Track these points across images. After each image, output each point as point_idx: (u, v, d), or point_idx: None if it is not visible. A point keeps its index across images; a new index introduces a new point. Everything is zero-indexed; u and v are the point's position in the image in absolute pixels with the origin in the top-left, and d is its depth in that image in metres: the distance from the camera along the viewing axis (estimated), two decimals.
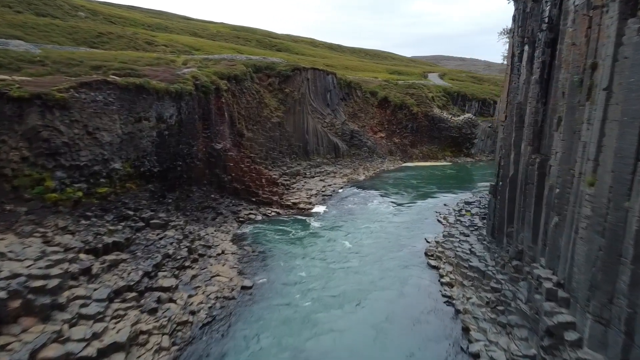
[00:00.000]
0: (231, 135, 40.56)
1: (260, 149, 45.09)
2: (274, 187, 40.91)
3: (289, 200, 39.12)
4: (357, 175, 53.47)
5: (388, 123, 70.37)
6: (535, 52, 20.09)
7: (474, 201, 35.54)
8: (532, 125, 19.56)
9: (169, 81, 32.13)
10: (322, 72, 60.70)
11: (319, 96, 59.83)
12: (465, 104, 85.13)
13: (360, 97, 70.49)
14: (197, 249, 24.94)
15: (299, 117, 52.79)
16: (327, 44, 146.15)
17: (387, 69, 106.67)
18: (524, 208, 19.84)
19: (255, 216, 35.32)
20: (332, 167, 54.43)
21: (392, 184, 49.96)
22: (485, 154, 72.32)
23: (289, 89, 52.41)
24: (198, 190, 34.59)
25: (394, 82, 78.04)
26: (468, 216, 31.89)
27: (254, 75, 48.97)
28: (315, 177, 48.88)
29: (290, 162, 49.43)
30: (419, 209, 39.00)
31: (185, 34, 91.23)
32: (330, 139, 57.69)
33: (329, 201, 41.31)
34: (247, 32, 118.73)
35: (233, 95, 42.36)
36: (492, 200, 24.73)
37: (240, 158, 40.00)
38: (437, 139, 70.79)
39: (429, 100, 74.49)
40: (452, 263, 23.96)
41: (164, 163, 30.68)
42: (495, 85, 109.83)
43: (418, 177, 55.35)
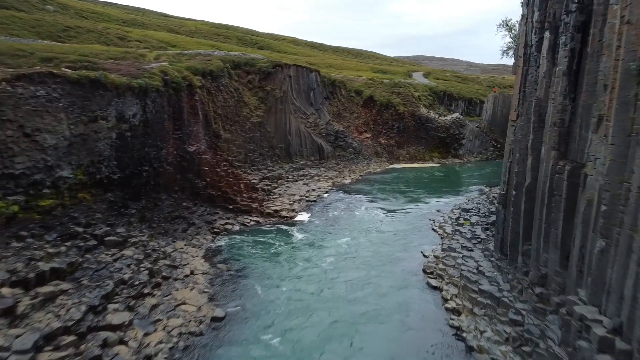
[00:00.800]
0: (206, 136, 36.63)
1: (238, 151, 41.23)
2: (254, 192, 37.12)
3: (270, 208, 35.37)
4: (342, 179, 49.94)
5: (374, 123, 67.02)
6: (559, 39, 16.73)
7: (472, 208, 32.29)
8: (558, 125, 16.19)
9: (132, 76, 28.12)
10: (305, 69, 57.00)
11: (302, 95, 56.15)
12: (451, 103, 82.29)
13: (345, 96, 67.00)
14: (160, 270, 21.05)
15: (281, 117, 49.03)
16: (309, 43, 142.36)
17: (371, 67, 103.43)
18: (548, 224, 16.46)
19: (232, 226, 31.50)
20: (316, 169, 50.80)
21: (380, 187, 46.52)
22: (474, 154, 69.43)
23: (270, 86, 48.61)
24: (168, 198, 30.63)
25: (379, 81, 74.73)
26: (467, 225, 28.56)
27: (232, 72, 45.06)
28: (299, 181, 45.19)
29: (272, 165, 45.64)
30: (410, 216, 35.58)
31: (162, 30, 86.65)
32: (314, 139, 54.05)
33: (314, 208, 37.67)
34: (227, 29, 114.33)
35: (208, 92, 38.41)
36: (501, 211, 21.36)
37: (216, 161, 36.12)
38: (424, 139, 67.66)
39: (415, 99, 71.38)
40: (458, 284, 20.50)
41: (126, 168, 26.66)
42: (480, 85, 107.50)
43: (406, 179, 52.04)
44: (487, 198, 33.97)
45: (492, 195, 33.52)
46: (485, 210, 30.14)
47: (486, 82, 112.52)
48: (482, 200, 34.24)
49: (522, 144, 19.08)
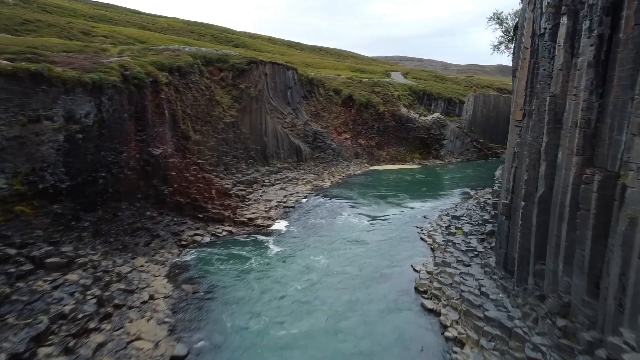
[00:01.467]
0: (174, 138, 33.21)
1: (210, 154, 37.86)
2: (226, 199, 33.85)
3: (244, 216, 32.18)
4: (322, 182, 46.99)
5: (353, 123, 64.28)
6: (581, 25, 14.10)
7: (462, 215, 29.73)
8: (582, 126, 13.54)
9: (86, 70, 24.61)
10: (281, 66, 53.86)
11: (279, 93, 53.01)
12: (431, 103, 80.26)
13: (323, 95, 64.09)
14: (112, 297, 17.72)
15: (256, 117, 45.80)
16: (286, 42, 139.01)
17: (349, 66, 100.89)
18: (570, 242, 13.81)
19: (201, 238, 28.22)
20: (294, 172, 47.72)
21: (361, 191, 43.73)
22: (455, 155, 67.35)
23: (244, 84, 45.32)
24: (129, 207, 27.17)
25: (358, 80, 72.09)
26: (460, 235, 25.94)
27: (203, 68, 41.62)
28: (276, 185, 42.04)
29: (247, 168, 42.38)
30: (395, 222, 32.84)
31: (132, 27, 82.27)
32: (291, 141, 50.95)
33: (292, 215, 34.61)
34: (201, 27, 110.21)
35: (176, 90, 34.97)
36: (505, 222, 18.71)
37: (184, 165, 32.74)
38: (405, 140, 65.26)
39: (395, 99, 68.95)
40: (458, 308, 17.75)
41: (77, 176, 23.15)
42: (458, 85, 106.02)
43: (388, 182, 49.41)
44: (477, 204, 31.52)
45: (482, 201, 31.09)
46: (478, 218, 27.60)
47: (464, 82, 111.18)
48: (471, 206, 31.75)
49: (533, 148, 16.42)
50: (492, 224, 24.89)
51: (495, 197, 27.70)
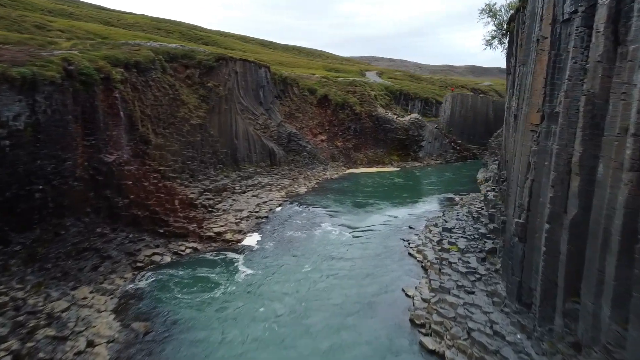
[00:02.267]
0: (131, 142, 29.15)
1: (174, 159, 33.86)
2: (192, 210, 29.98)
3: (211, 229, 28.41)
4: (297, 187, 43.43)
5: (329, 124, 60.93)
6: (632, 4, 11.01)
7: (454, 227, 26.65)
8: (637, 133, 10.44)
9: (16, 63, 20.46)
10: (253, 64, 50.06)
11: (250, 93, 49.22)
12: (408, 103, 77.64)
13: (298, 95, 60.54)
14: (37, 349, 13.84)
15: (226, 118, 41.93)
16: (259, 40, 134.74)
17: (324, 65, 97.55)
18: (620, 282, 10.72)
19: (161, 257, 24.39)
20: (267, 177, 44.03)
21: (339, 198, 40.41)
22: (434, 157, 64.77)
23: (212, 83, 41.38)
24: (75, 223, 23.12)
25: (334, 79, 68.77)
26: (455, 251, 22.83)
27: (166, 65, 37.55)
28: (247, 192, 38.29)
29: (215, 174, 38.49)
30: (379, 235, 29.60)
31: (94, 22, 76.98)
32: (264, 143, 47.24)
33: (265, 227, 31.00)
34: (170, 24, 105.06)
35: (134, 88, 30.88)
36: (519, 245, 15.60)
37: (143, 173, 28.74)
38: (383, 141, 62.27)
39: (372, 99, 65.91)
40: (467, 352, 14.53)
41: (5, 189, 19.07)
42: (433, 85, 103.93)
43: (366, 187, 46.24)
44: (468, 213, 28.57)
45: (475, 211, 28.15)
46: (473, 232, 24.59)
47: (439, 82, 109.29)
48: (462, 216, 28.76)
49: (561, 158, 13.29)
50: (491, 239, 21.87)
51: (491, 208, 24.75)
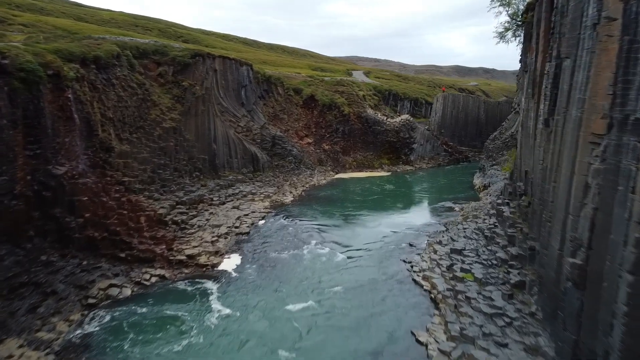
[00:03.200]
0: (88, 150, 24.80)
1: (142, 168, 29.53)
2: (160, 228, 25.73)
3: (183, 251, 24.20)
4: (282, 196, 39.36)
5: (316, 126, 56.95)
6: None
7: (464, 248, 22.82)
8: None
9: None
10: (234, 61, 45.80)
11: (231, 93, 44.97)
12: (397, 103, 74.11)
13: (282, 95, 56.42)
14: None
15: (204, 120, 37.67)
16: (242, 39, 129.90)
17: (309, 64, 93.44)
18: None
19: (119, 290, 20.17)
20: (249, 185, 39.86)
21: (328, 208, 36.50)
22: (425, 160, 61.24)
23: (188, 81, 37.08)
24: (12, 251, 18.77)
25: (320, 78, 64.81)
26: (470, 281, 19.03)
27: (134, 62, 33.16)
28: (227, 203, 34.09)
29: (191, 183, 34.21)
30: (375, 255, 25.69)
31: (66, 17, 71.67)
32: (246, 147, 43.06)
33: (246, 245, 26.90)
34: (148, 20, 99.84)
35: (93, 87, 26.48)
36: (575, 293, 11.81)
37: (103, 186, 24.40)
38: (373, 144, 58.50)
39: (361, 99, 62.11)
40: None
41: None
42: (421, 85, 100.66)
43: (357, 195, 42.40)
44: (478, 230, 24.85)
45: (486, 228, 24.41)
46: (489, 255, 20.83)
47: (426, 82, 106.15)
48: (471, 233, 25.02)
49: None
50: (516, 268, 18.08)
51: (509, 227, 21.01)
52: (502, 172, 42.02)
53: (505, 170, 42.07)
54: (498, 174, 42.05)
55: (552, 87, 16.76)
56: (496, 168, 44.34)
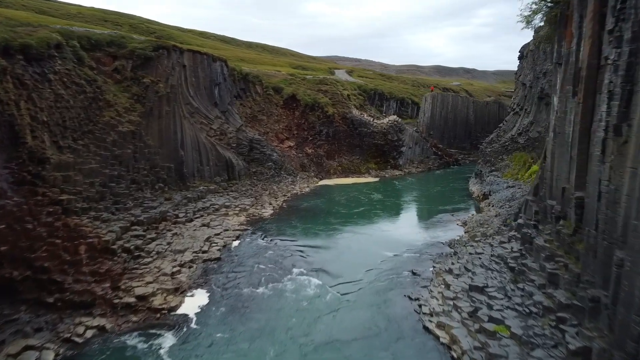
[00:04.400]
0: (13, 162, 19.38)
1: (88, 182, 24.05)
2: (106, 260, 20.37)
3: (133, 291, 18.90)
4: (261, 209, 34.24)
5: (297, 128, 51.91)
6: None
7: (486, 284, 17.91)
8: None
9: None
10: (205, 56, 40.43)
11: (203, 92, 39.60)
12: (382, 104, 69.55)
13: (261, 95, 51.23)
14: None
15: (169, 123, 32.31)
16: (220, 36, 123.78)
17: (290, 63, 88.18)
18: None
19: (39, 353, 14.82)
20: (223, 197, 34.63)
21: (312, 224, 31.61)
22: (415, 164, 56.72)
23: (150, 78, 31.69)
24: None
25: (302, 77, 59.81)
26: (506, 337, 14.26)
27: (83, 54, 27.70)
28: (195, 220, 28.83)
29: (152, 197, 28.84)
30: (373, 289, 20.74)
31: (28, 10, 64.93)
32: (220, 153, 37.79)
33: (214, 277, 21.73)
34: (119, 15, 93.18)
35: (20, 83, 21.00)
36: None
37: (30, 209, 18.97)
38: (359, 147, 53.72)
39: (345, 99, 57.29)
40: None
41: None
42: (406, 84, 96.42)
43: (344, 206, 37.53)
44: (498, 258, 20.16)
45: (507, 255, 19.68)
46: (522, 297, 16.09)
47: (410, 82, 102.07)
48: (490, 263, 20.27)
49: None
50: (573, 326, 13.32)
51: (545, 260, 16.34)
52: (503, 179, 37.70)
53: (507, 177, 37.77)
54: (499, 181, 37.68)
55: (623, 82, 12.11)
56: (496, 174, 40.00)
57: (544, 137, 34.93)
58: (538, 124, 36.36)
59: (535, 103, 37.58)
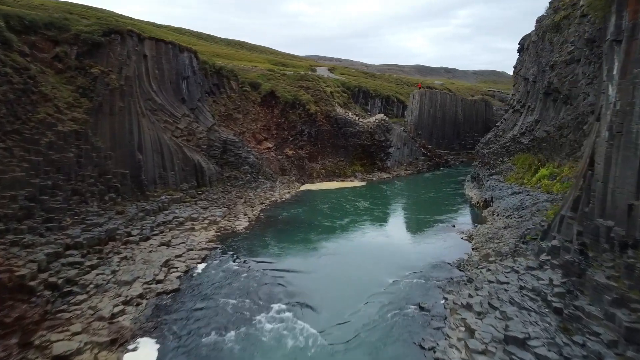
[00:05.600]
0: None
1: (8, 196, 18.69)
2: (20, 302, 15.10)
3: (50, 349, 13.73)
4: (234, 220, 29.23)
5: (277, 127, 46.92)
6: None
7: (528, 335, 13.01)
8: None
9: None
10: (171, 46, 35.14)
11: (168, 86, 34.32)
12: (367, 102, 64.99)
13: (237, 91, 46.07)
14: None
15: (123, 121, 26.99)
16: (196, 33, 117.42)
17: (269, 59, 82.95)
18: None
19: None
20: (190, 207, 29.45)
21: (293, 240, 26.79)
22: (403, 166, 52.24)
23: (99, 68, 26.36)
24: None
25: (281, 72, 54.81)
26: None
27: (11, 36, 22.31)
28: (153, 239, 23.62)
29: (99, 211, 23.50)
30: (374, 334, 15.93)
31: None
32: (187, 156, 32.58)
33: (169, 317, 16.64)
34: (87, 9, 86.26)
35: None
36: None
37: None
38: (344, 148, 48.98)
39: (328, 96, 52.48)
40: None
41: None
42: (388, 82, 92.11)
43: (327, 217, 32.68)
44: (534, 293, 15.50)
45: (550, 294, 15.07)
46: (582, 359, 11.64)
47: (394, 80, 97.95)
48: (522, 297, 15.66)
49: None
50: None
51: (614, 305, 11.82)
52: (506, 184, 33.41)
53: (511, 182, 33.49)
54: (502, 186, 33.38)
55: None
56: (497, 178, 35.71)
57: (553, 137, 30.76)
58: (545, 123, 32.15)
59: (540, 99, 33.38)
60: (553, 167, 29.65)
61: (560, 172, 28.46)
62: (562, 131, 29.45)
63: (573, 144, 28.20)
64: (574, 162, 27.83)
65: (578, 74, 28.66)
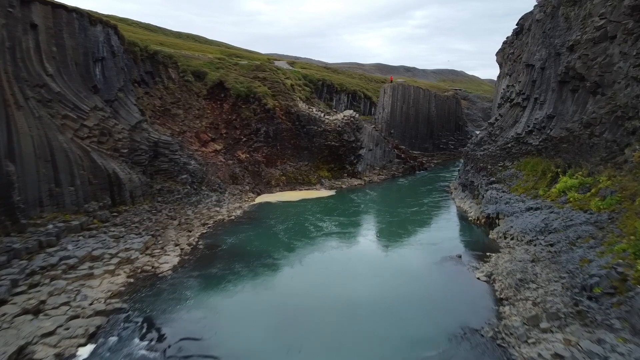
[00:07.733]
0: None
1: None
2: None
3: None
4: (159, 256, 20.32)
5: (227, 126, 38.01)
6: None
7: None
8: None
9: None
10: (76, 14, 25.57)
11: (71, 69, 24.82)
12: (332, 97, 56.91)
13: (176, 81, 36.84)
14: None
15: None
16: (144, 24, 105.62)
17: (222, 51, 73.41)
18: None
19: None
20: (93, 239, 20.27)
21: (239, 286, 18.31)
22: (376, 170, 44.38)
23: None
24: None
25: (234, 61, 45.90)
26: None
27: None
28: (16, 299, 14.56)
29: None
30: None
31: None
32: (97, 164, 23.31)
33: None
34: None
35: None
36: None
37: None
38: (308, 150, 40.61)
39: (289, 89, 43.96)
40: None
41: None
42: (352, 78, 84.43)
43: (288, 245, 24.38)
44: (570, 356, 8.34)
45: None
46: None
47: (358, 76, 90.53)
48: None
49: None
50: None
51: None
52: (514, 196, 26.08)
53: (519, 193, 26.19)
54: (508, 199, 26.04)
55: None
56: (498, 187, 28.38)
57: (578, 137, 23.57)
58: (562, 119, 25.03)
59: (553, 89, 26.28)
60: (581, 176, 22.47)
61: (595, 183, 21.27)
62: (592, 129, 22.30)
63: (611, 145, 21.07)
64: (615, 170, 20.71)
65: (613, 55, 21.57)
